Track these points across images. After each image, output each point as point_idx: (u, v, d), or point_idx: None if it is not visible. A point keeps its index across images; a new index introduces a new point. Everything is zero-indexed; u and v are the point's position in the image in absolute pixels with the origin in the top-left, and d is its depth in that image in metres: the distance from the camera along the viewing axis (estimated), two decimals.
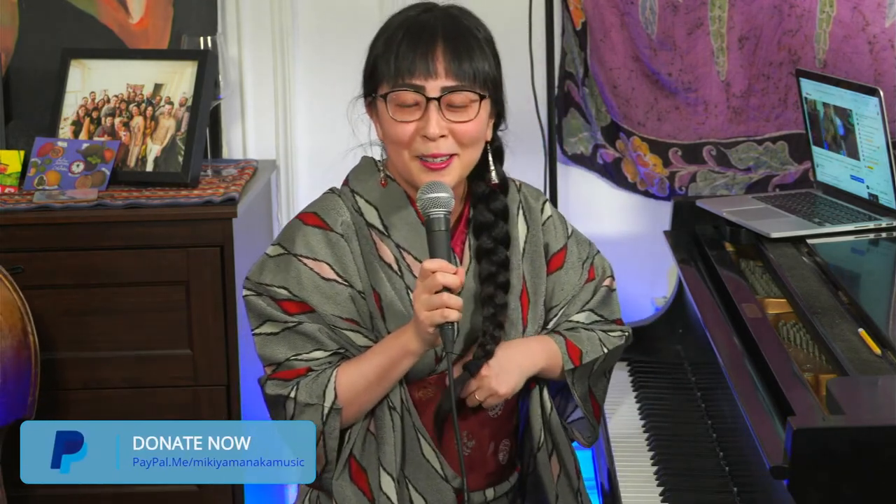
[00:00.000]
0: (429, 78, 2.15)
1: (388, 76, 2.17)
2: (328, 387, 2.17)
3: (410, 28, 2.18)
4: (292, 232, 2.23)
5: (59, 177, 3.11)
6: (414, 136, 2.16)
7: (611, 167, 3.59)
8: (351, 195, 2.26)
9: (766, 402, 2.11)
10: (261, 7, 3.53)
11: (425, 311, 2.09)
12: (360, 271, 2.21)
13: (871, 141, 2.87)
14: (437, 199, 2.12)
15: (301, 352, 2.19)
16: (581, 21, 3.50)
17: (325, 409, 2.17)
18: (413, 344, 2.15)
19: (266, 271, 2.22)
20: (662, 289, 3.48)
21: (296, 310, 2.19)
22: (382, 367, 2.17)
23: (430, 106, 2.15)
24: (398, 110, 2.16)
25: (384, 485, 2.20)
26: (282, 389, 2.18)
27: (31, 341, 2.77)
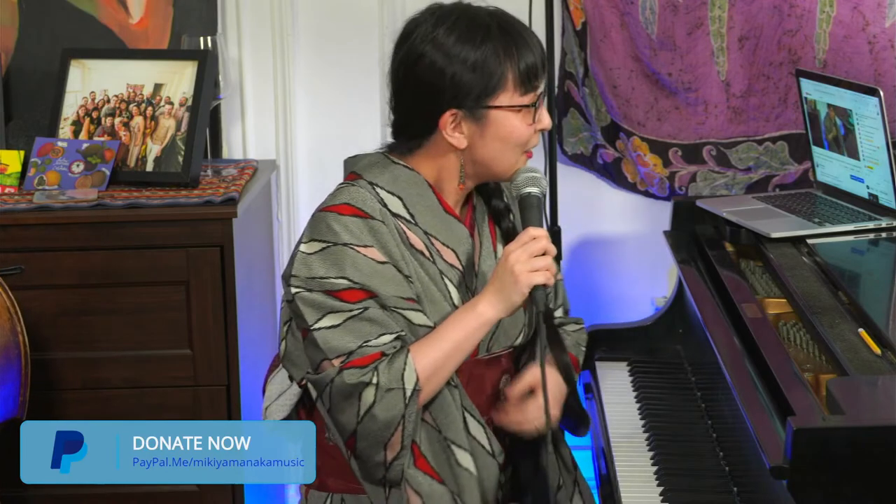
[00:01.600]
0: (541, 77, 2.24)
1: (515, 85, 2.21)
2: (406, 369, 2.17)
3: (503, 33, 2.21)
4: (329, 225, 2.22)
5: (59, 177, 3.11)
6: (531, 133, 2.25)
7: (611, 167, 3.60)
8: (371, 187, 2.26)
9: (766, 402, 2.11)
10: (261, 7, 3.53)
11: (528, 271, 2.16)
12: (404, 256, 2.23)
13: (871, 141, 2.87)
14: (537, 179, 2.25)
15: (370, 338, 2.18)
16: (581, 21, 3.50)
17: (407, 392, 2.17)
18: (491, 311, 2.20)
19: (315, 266, 2.20)
20: (662, 289, 3.48)
21: (359, 297, 2.19)
22: (458, 341, 2.20)
23: (542, 101, 2.25)
24: (527, 114, 2.23)
25: (462, 460, 2.23)
26: (362, 377, 2.16)
27: (21, 340, 2.76)
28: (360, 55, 3.55)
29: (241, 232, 3.06)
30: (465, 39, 2.19)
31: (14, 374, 2.75)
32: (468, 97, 2.20)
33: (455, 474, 2.22)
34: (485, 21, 2.21)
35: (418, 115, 2.24)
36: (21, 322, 2.77)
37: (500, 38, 2.20)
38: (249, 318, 3.15)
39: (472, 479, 2.22)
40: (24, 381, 2.77)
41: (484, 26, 2.20)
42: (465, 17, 2.21)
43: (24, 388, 2.77)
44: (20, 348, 2.77)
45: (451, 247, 2.27)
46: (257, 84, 3.57)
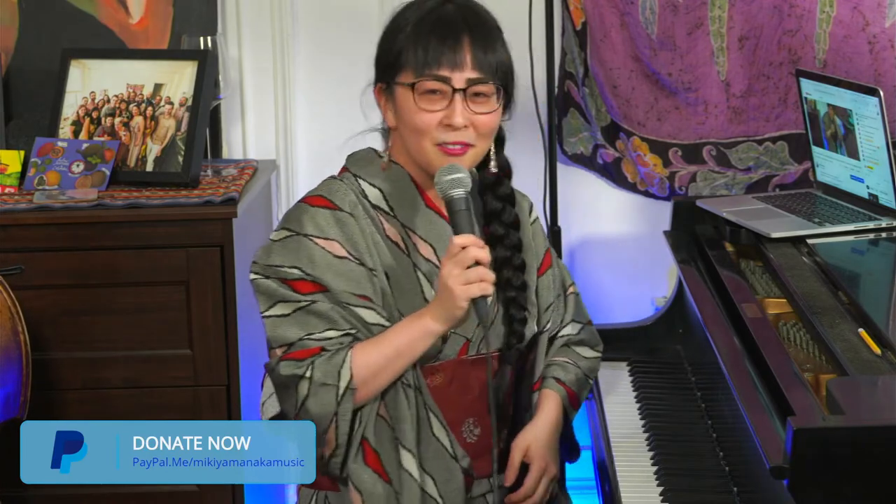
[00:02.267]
0: (455, 69, 2.20)
1: (415, 65, 2.21)
2: (343, 367, 2.16)
3: (437, 19, 2.22)
4: (298, 214, 2.24)
5: (59, 177, 3.11)
6: (437, 124, 2.21)
7: (611, 167, 3.59)
8: (354, 179, 2.28)
9: (766, 402, 2.11)
10: (261, 7, 3.53)
11: (461, 285, 2.12)
12: (370, 249, 2.23)
13: (871, 141, 2.87)
14: (459, 179, 2.17)
15: (314, 331, 2.19)
16: (581, 21, 3.50)
17: (340, 390, 2.16)
18: (435, 324, 2.17)
19: (274, 254, 2.22)
20: (662, 289, 3.48)
21: (309, 289, 2.20)
22: (400, 348, 2.19)
23: (456, 97, 2.20)
24: (423, 99, 2.21)
25: (405, 462, 2.21)
26: (296, 369, 2.17)
27: (22, 340, 2.76)
28: (360, 55, 3.53)
29: (241, 232, 3.06)
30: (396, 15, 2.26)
31: (15, 375, 2.75)
32: (383, 70, 2.26)
33: (399, 475, 2.22)
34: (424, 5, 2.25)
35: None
36: (22, 322, 2.77)
37: (417, 20, 2.23)
38: (249, 317, 3.15)
39: (412, 482, 2.21)
40: (25, 381, 2.77)
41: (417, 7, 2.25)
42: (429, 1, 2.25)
43: (25, 387, 2.77)
44: (21, 348, 2.77)
45: (430, 242, 2.27)
46: (257, 84, 3.56)
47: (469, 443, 2.29)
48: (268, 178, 3.45)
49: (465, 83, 2.21)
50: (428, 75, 2.20)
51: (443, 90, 2.20)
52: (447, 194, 2.17)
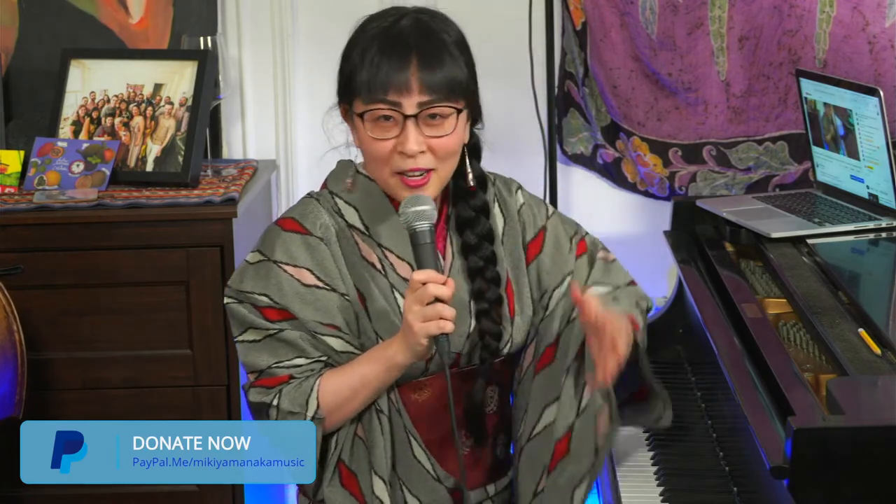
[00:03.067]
0: (404, 94, 2.12)
1: (364, 91, 2.14)
2: (311, 396, 2.16)
3: (385, 40, 2.14)
4: (271, 238, 2.22)
5: (59, 177, 3.11)
6: (392, 152, 2.15)
7: (611, 167, 3.59)
8: (330, 197, 2.26)
9: (766, 402, 2.11)
10: (261, 7, 3.53)
11: (419, 322, 2.07)
12: (342, 273, 2.21)
13: (871, 141, 2.87)
14: (422, 212, 2.11)
15: (283, 359, 2.19)
16: (581, 21, 3.50)
17: (306, 417, 2.16)
18: (400, 356, 2.13)
19: (246, 279, 2.21)
20: (662, 289, 3.48)
21: (277, 317, 2.19)
22: (367, 378, 2.16)
23: (408, 123, 2.12)
24: (375, 127, 2.15)
25: (376, 489, 2.20)
26: (264, 397, 2.18)
27: (17, 339, 2.76)
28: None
29: (241, 232, 3.06)
30: (351, 38, 2.20)
31: (10, 374, 2.75)
32: (341, 93, 2.22)
33: (372, 501, 2.20)
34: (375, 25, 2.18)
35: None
36: (17, 321, 2.77)
37: (366, 43, 2.16)
38: None
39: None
40: (21, 379, 2.77)
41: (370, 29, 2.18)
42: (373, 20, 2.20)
43: (21, 386, 2.77)
44: (16, 347, 2.77)
45: (408, 260, 2.21)
46: (257, 84, 3.56)
47: (462, 455, 2.25)
48: (268, 178, 3.45)
49: (416, 108, 2.12)
50: (377, 102, 2.13)
51: (394, 116, 2.13)
52: (410, 227, 2.11)
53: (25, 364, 2.78)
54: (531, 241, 2.34)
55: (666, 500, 2.30)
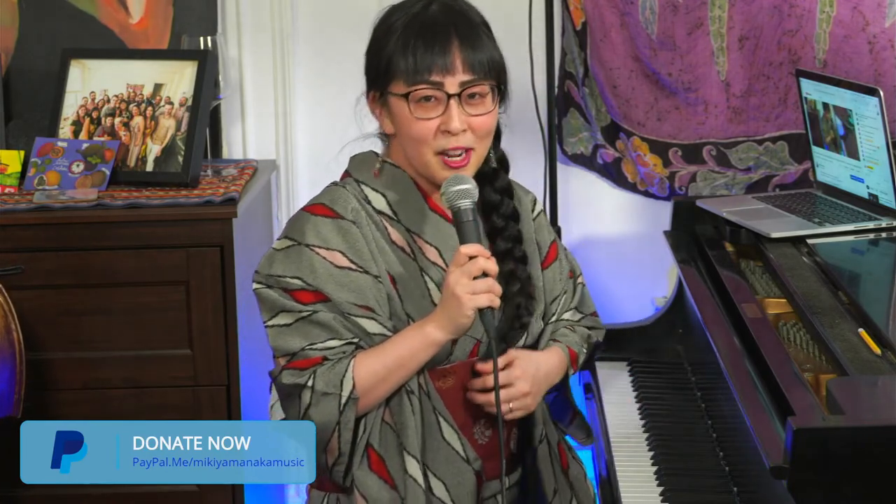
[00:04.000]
0: (447, 74, 2.18)
1: (406, 74, 2.19)
2: (346, 376, 2.16)
3: (421, 25, 2.20)
4: (300, 224, 2.23)
5: (59, 177, 3.11)
6: (435, 132, 2.20)
7: (611, 167, 3.60)
8: (356, 185, 2.27)
9: (766, 402, 2.11)
10: (261, 7, 3.53)
11: (469, 295, 2.11)
12: (374, 256, 2.22)
13: (871, 141, 2.87)
14: (465, 190, 2.16)
15: (316, 341, 2.18)
16: (581, 21, 3.50)
17: (342, 399, 2.16)
18: (438, 333, 2.17)
19: (276, 263, 2.21)
20: (662, 289, 3.48)
21: (310, 299, 2.19)
22: (402, 357, 2.18)
23: (451, 102, 2.18)
24: (418, 108, 2.19)
25: (410, 469, 2.21)
26: (298, 378, 2.17)
27: (15, 339, 2.76)
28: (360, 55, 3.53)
29: (241, 232, 3.06)
30: (381, 23, 2.24)
31: (8, 373, 2.75)
32: (374, 79, 2.24)
33: (405, 481, 2.21)
34: (409, 11, 2.23)
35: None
36: (16, 320, 2.77)
37: (404, 27, 2.21)
38: (249, 318, 3.15)
39: (417, 488, 2.21)
40: (19, 379, 2.77)
41: (403, 14, 2.23)
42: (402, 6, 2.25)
43: (20, 386, 2.77)
44: (14, 346, 2.77)
45: (436, 245, 2.26)
46: (257, 84, 3.57)
47: (481, 444, 2.29)
48: (268, 178, 3.45)
49: (458, 87, 2.19)
50: (420, 83, 2.18)
51: (437, 96, 2.19)
52: (454, 205, 2.16)
53: (24, 364, 2.78)
54: (549, 250, 2.41)
55: (666, 500, 2.30)
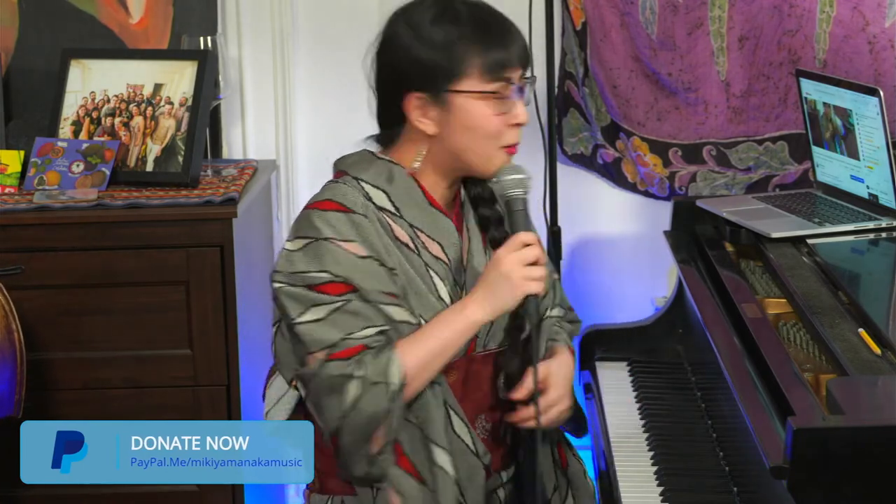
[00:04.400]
0: (512, 69, 2.23)
1: (483, 71, 2.20)
2: (392, 365, 2.16)
3: (477, 22, 2.22)
4: (312, 220, 2.22)
5: (59, 177, 3.11)
6: (503, 126, 2.23)
7: (611, 167, 3.60)
8: (356, 182, 2.27)
9: (766, 402, 2.11)
10: (261, 7, 3.53)
11: (525, 280, 2.17)
12: (387, 248, 2.22)
13: (871, 141, 2.87)
14: (523, 180, 2.24)
15: (353, 331, 2.17)
16: (581, 21, 3.50)
17: (392, 387, 2.15)
18: (479, 314, 2.19)
19: (297, 261, 2.20)
20: (662, 289, 3.48)
21: (340, 290, 2.18)
22: (447, 341, 2.19)
23: (518, 97, 2.24)
24: (494, 104, 2.21)
25: (439, 460, 2.21)
26: (345, 369, 2.15)
27: (16, 339, 2.76)
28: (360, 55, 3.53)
29: (241, 232, 3.06)
30: (434, 22, 2.21)
31: (9, 373, 2.75)
32: (432, 80, 2.21)
33: (433, 473, 2.22)
34: (457, 8, 2.24)
35: (389, 101, 2.26)
36: (16, 320, 2.77)
37: (470, 23, 2.21)
38: (249, 318, 3.15)
39: (448, 478, 2.21)
40: (20, 379, 2.77)
41: (454, 11, 2.23)
42: (440, 3, 2.24)
43: (20, 386, 2.77)
44: (15, 346, 2.76)
45: (437, 240, 2.27)
46: (257, 84, 3.57)
47: (482, 438, 2.31)
48: (268, 178, 3.45)
49: (520, 81, 2.24)
50: (499, 80, 2.21)
51: (503, 92, 2.22)
52: (511, 193, 2.23)
53: (24, 364, 2.78)
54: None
55: (666, 500, 2.30)
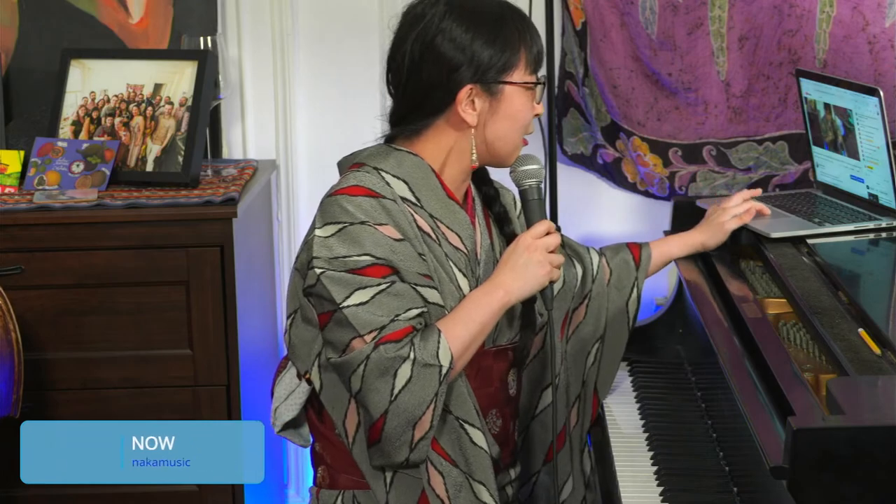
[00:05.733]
0: (541, 65, 2.34)
1: (528, 63, 2.30)
2: (441, 346, 2.16)
3: (515, 17, 2.31)
4: (342, 206, 2.21)
5: (59, 177, 3.11)
6: (532, 117, 2.33)
7: (611, 167, 3.60)
8: (376, 172, 2.26)
9: (766, 402, 2.11)
10: (261, 7, 3.53)
11: (550, 266, 2.26)
12: (416, 234, 2.23)
13: (871, 141, 2.87)
14: (538, 170, 2.32)
15: (400, 312, 2.16)
16: (581, 21, 3.50)
17: (443, 370, 2.15)
18: (511, 296, 2.24)
19: (336, 246, 2.19)
20: (662, 289, 3.48)
21: (383, 273, 2.18)
22: (485, 323, 2.22)
23: (542, 91, 2.33)
24: (530, 97, 2.31)
25: (475, 438, 2.24)
26: (398, 352, 2.14)
27: (14, 339, 2.76)
28: (360, 55, 3.55)
29: (241, 232, 3.06)
30: (483, 17, 2.27)
31: (6, 373, 2.75)
32: (488, 71, 2.25)
33: (467, 455, 2.23)
34: (495, 3, 2.32)
35: (435, 93, 2.26)
36: (14, 320, 2.77)
37: (515, 18, 2.30)
38: (249, 318, 3.16)
39: (486, 457, 2.23)
40: (18, 379, 2.77)
41: (497, 4, 2.31)
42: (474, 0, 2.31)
43: (18, 386, 2.77)
44: (12, 346, 2.76)
45: (455, 230, 2.29)
46: (257, 84, 3.57)
47: (493, 433, 2.32)
48: (268, 178, 3.45)
49: (543, 77, 2.35)
50: (534, 73, 2.31)
51: (533, 86, 2.31)
52: (527, 182, 2.30)
53: (22, 363, 2.78)
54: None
55: (666, 500, 2.30)
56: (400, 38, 2.28)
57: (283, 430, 2.34)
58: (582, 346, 2.54)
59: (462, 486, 2.23)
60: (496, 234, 2.39)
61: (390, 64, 2.31)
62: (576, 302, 2.55)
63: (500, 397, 2.34)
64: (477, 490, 2.23)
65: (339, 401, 2.25)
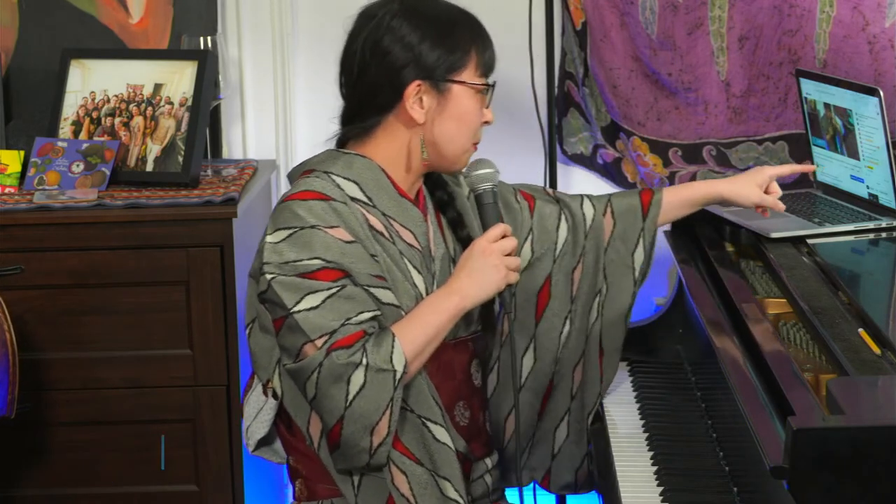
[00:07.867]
0: (491, 70, 2.34)
1: (480, 65, 2.29)
2: (395, 351, 2.16)
3: (468, 21, 2.31)
4: (293, 211, 2.22)
5: (59, 177, 3.11)
6: (479, 123, 2.33)
7: (611, 167, 3.60)
8: (327, 176, 2.28)
9: (766, 402, 2.11)
10: (261, 7, 3.53)
11: (506, 270, 2.26)
12: (366, 235, 2.24)
13: (871, 141, 2.87)
14: (492, 174, 2.32)
15: (351, 315, 2.17)
16: (581, 21, 3.50)
17: (397, 374, 2.16)
18: (468, 301, 2.25)
19: (286, 252, 2.20)
20: (662, 289, 3.48)
21: (334, 276, 2.18)
22: (439, 326, 2.23)
23: (491, 96, 2.33)
24: (480, 100, 2.30)
25: (438, 435, 2.24)
26: (352, 357, 2.14)
27: (8, 339, 2.76)
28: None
29: (241, 232, 3.06)
30: (434, 20, 2.27)
31: (1, 373, 2.75)
32: (436, 69, 2.26)
33: (431, 452, 2.24)
34: (450, 8, 2.32)
35: (383, 90, 2.28)
36: (8, 320, 2.77)
37: (468, 23, 2.30)
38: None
39: (450, 452, 2.24)
40: (13, 379, 2.77)
41: (451, 9, 2.31)
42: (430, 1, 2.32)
43: (13, 386, 2.77)
44: (7, 346, 2.76)
45: (409, 228, 2.30)
46: (257, 84, 3.57)
47: (462, 426, 2.33)
48: (268, 178, 3.45)
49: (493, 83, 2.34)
50: (484, 77, 2.31)
51: (483, 90, 2.31)
52: (484, 186, 2.30)
53: (17, 364, 2.78)
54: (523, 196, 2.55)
55: (666, 500, 2.30)
56: (352, 37, 2.33)
57: (257, 449, 2.34)
58: (585, 302, 2.54)
59: (427, 483, 2.24)
60: (450, 235, 2.40)
61: (343, 64, 2.35)
62: (574, 261, 2.54)
63: (466, 389, 2.35)
64: (443, 486, 2.24)
65: (301, 407, 2.26)
